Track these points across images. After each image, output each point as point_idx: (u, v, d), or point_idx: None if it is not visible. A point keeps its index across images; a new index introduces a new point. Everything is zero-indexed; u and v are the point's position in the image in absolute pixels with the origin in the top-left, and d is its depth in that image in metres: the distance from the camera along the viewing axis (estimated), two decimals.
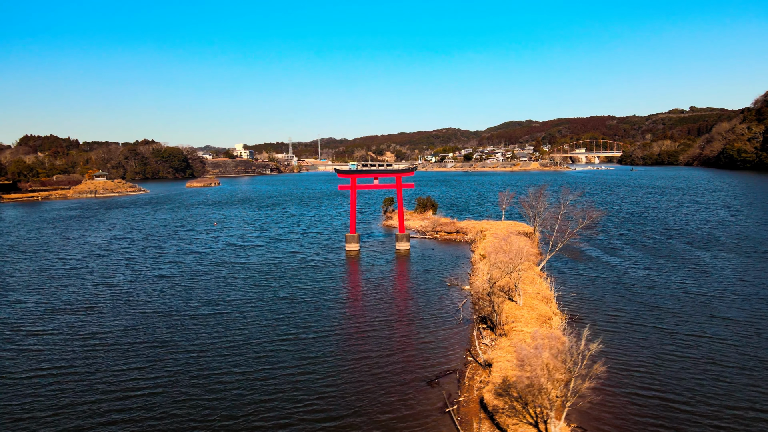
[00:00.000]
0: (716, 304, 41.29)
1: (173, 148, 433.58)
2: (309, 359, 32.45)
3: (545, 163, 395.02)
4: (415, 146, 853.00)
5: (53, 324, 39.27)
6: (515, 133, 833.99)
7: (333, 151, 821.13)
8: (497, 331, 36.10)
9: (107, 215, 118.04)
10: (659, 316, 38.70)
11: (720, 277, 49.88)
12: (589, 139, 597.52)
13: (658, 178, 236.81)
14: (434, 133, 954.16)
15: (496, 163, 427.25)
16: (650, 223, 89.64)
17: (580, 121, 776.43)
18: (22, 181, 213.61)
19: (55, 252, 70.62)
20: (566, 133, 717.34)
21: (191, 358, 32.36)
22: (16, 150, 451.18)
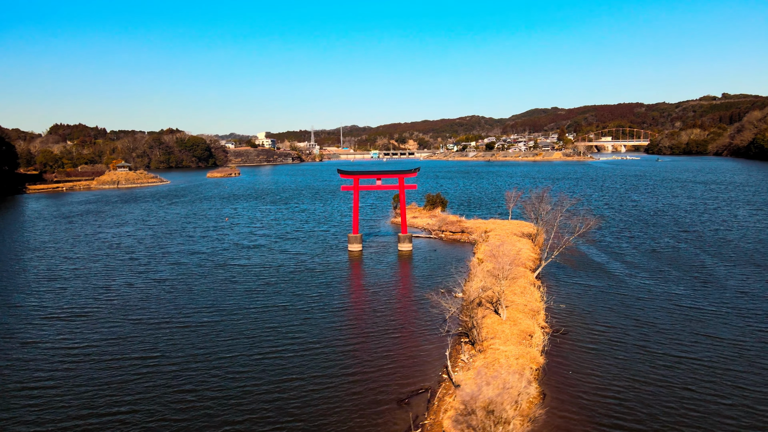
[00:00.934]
0: (708, 320, 40.34)
1: (196, 137, 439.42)
2: (288, 376, 32.68)
3: (568, 152, 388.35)
4: (438, 134, 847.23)
5: (45, 332, 40.25)
6: (540, 121, 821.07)
7: (355, 139, 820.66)
8: (476, 347, 35.99)
9: (122, 210, 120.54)
10: (645, 333, 38.02)
11: (721, 288, 48.62)
12: (615, 127, 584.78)
13: (682, 170, 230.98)
14: (458, 121, 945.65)
15: (518, 152, 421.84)
16: (664, 223, 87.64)
17: (607, 108, 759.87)
18: (48, 171, 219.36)
19: (64, 250, 72.55)
20: (592, 121, 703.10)
21: (171, 372, 32.93)
22: (46, 139, 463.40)
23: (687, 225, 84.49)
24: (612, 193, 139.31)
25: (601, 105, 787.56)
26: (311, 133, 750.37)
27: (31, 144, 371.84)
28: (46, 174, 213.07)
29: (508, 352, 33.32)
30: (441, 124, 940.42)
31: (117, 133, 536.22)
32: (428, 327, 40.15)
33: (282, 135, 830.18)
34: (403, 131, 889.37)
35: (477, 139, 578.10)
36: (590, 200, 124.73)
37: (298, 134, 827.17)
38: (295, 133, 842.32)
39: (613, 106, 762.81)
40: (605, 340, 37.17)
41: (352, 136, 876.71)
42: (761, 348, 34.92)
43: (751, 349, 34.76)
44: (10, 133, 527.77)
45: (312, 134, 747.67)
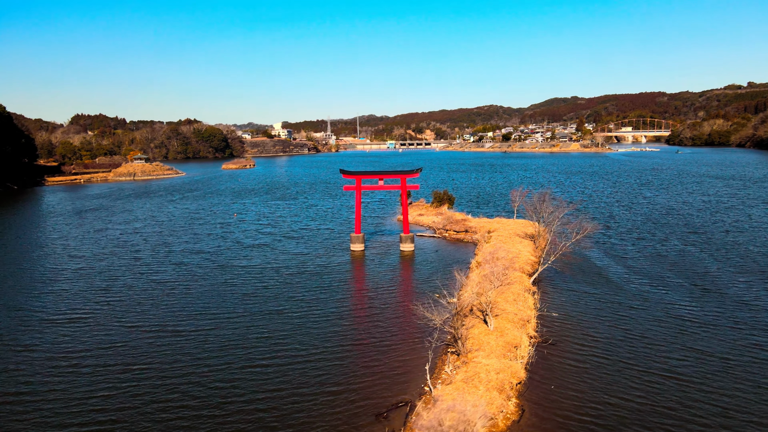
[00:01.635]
0: (701, 333, 39.68)
1: (213, 128, 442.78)
2: (271, 388, 32.81)
3: (586, 144, 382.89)
4: (455, 124, 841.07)
5: (40, 337, 40.91)
6: (559, 111, 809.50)
7: (372, 129, 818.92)
8: (461, 359, 36.02)
9: (133, 204, 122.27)
10: (634, 346, 37.60)
11: (721, 297, 47.71)
12: (636, 117, 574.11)
13: (702, 163, 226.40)
14: (475, 111, 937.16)
15: (535, 143, 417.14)
16: (673, 223, 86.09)
17: (628, 97, 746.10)
18: (67, 163, 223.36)
19: (71, 248, 74.00)
20: (613, 111, 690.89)
21: (155, 384, 33.23)
22: (67, 129, 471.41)
23: (697, 226, 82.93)
24: (625, 189, 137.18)
25: (622, 94, 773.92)
26: (327, 123, 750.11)
27: (52, 134, 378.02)
28: (65, 166, 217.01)
29: (489, 366, 33.28)
30: (459, 114, 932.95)
31: (136, 123, 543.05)
32: (419, 336, 40.09)
33: (299, 125, 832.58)
34: (420, 121, 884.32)
35: (494, 129, 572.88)
36: (601, 197, 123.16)
37: (315, 124, 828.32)
38: (312, 123, 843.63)
39: (635, 95, 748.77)
40: (592, 353, 36.87)
41: (369, 126, 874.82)
42: (750, 364, 34.30)
43: (739, 365, 34.14)
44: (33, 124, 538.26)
45: (328, 124, 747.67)
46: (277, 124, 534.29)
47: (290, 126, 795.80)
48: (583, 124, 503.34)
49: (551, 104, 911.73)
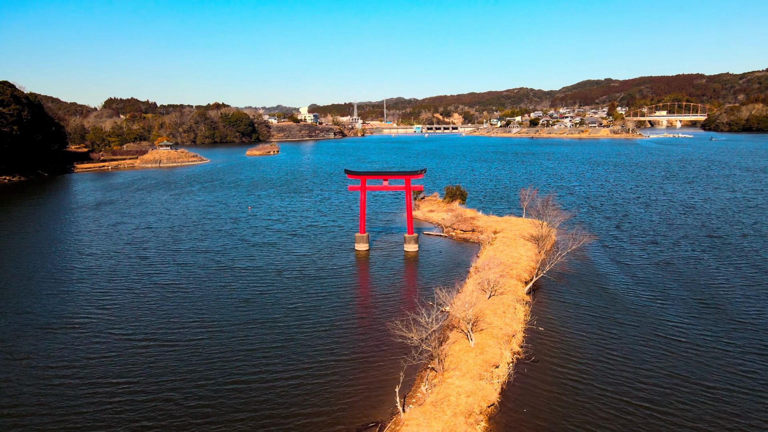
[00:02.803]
0: (689, 355, 38.70)
1: (240, 112, 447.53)
2: (252, 407, 33.13)
3: (616, 129, 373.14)
4: (484, 107, 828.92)
5: (35, 345, 42.07)
6: (591, 94, 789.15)
7: (400, 113, 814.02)
8: (438, 377, 36.24)
9: (151, 196, 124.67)
10: (618, 369, 36.81)
11: (723, 315, 46.08)
12: (671, 100, 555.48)
13: (734, 153, 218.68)
14: (505, 94, 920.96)
15: (563, 129, 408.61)
16: (690, 224, 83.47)
17: (664, 80, 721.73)
18: (95, 150, 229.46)
19: (83, 244, 76.16)
20: (647, 94, 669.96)
21: (133, 400, 33.77)
22: (100, 113, 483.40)
23: (714, 228, 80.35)
24: (647, 183, 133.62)
25: (658, 76, 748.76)
26: (354, 107, 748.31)
27: (86, 118, 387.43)
28: (94, 153, 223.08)
29: (461, 388, 33.40)
30: (488, 97, 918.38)
31: (166, 107, 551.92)
32: (404, 349, 39.07)
33: (327, 108, 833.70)
34: (448, 104, 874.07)
35: (523, 113, 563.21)
36: (621, 192, 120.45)
37: (343, 107, 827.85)
38: (339, 106, 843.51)
39: (671, 77, 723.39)
40: (572, 375, 36.54)
41: (397, 109, 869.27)
42: (735, 394, 33.44)
43: (725, 395, 33.30)
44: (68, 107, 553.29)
45: (355, 107, 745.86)
46: (303, 109, 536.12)
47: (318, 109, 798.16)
48: (615, 108, 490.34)
49: (583, 87, 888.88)
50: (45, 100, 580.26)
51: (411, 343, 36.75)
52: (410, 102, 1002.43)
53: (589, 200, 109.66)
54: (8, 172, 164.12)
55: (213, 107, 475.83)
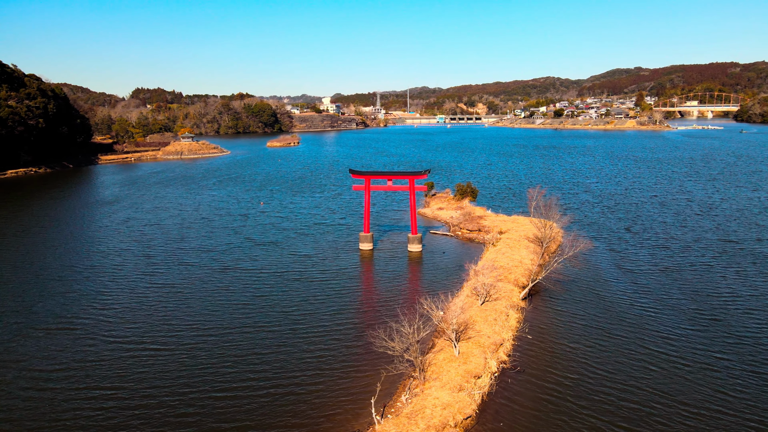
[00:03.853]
0: (677, 371, 37.86)
1: (262, 103, 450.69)
2: (237, 418, 33.38)
3: (643, 120, 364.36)
4: (509, 97, 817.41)
5: (25, 348, 43.05)
6: (620, 83, 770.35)
7: (423, 102, 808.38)
8: (419, 387, 36.42)
9: (166, 191, 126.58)
10: (596, 385, 36.21)
11: (724, 330, 44.70)
12: (703, 90, 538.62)
13: (763, 146, 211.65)
14: (531, 83, 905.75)
15: (588, 120, 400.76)
16: (705, 227, 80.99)
17: (696, 68, 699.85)
18: (119, 142, 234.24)
19: (93, 242, 77.95)
20: (678, 83, 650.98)
21: (116, 408, 34.39)
22: (128, 102, 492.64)
23: (730, 231, 77.99)
24: (667, 180, 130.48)
25: (690, 65, 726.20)
26: (377, 97, 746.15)
27: (113, 109, 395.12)
28: (117, 144, 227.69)
29: (438, 400, 33.59)
30: (513, 86, 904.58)
31: (191, 97, 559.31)
32: (392, 358, 38.38)
33: (350, 98, 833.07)
34: (473, 93, 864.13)
35: (548, 103, 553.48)
36: (639, 189, 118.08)
37: (366, 97, 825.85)
38: (363, 96, 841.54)
39: (704, 65, 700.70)
40: (555, 388, 36.29)
41: (421, 99, 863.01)
42: (724, 418, 32.66)
43: (709, 418, 32.64)
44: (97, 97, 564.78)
45: (378, 98, 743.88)
46: (326, 99, 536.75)
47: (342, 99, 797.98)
48: (643, 98, 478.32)
49: (612, 75, 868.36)
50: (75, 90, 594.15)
51: (394, 353, 36.91)
52: (434, 91, 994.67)
53: (603, 199, 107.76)
54: (34, 164, 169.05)
55: (237, 97, 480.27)
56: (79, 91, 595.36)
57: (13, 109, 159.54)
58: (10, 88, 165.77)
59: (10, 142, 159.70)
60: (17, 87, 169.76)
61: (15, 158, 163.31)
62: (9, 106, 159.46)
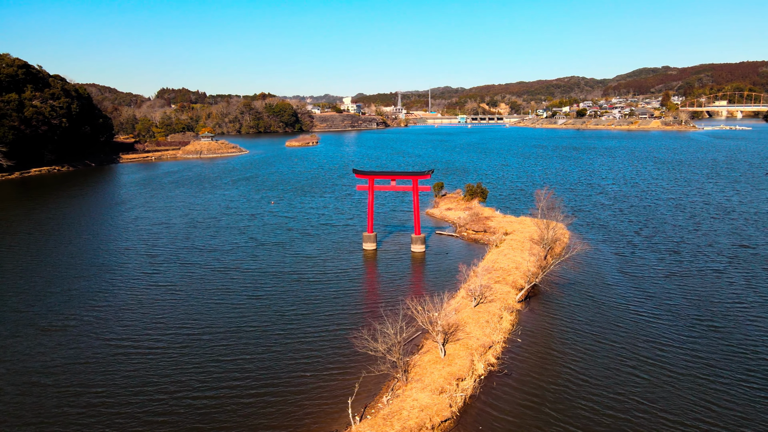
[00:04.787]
0: (667, 382, 36.63)
1: (283, 102, 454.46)
2: (218, 418, 33.47)
3: (668, 121, 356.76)
4: (532, 97, 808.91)
5: (14, 347, 43.65)
6: (646, 82, 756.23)
7: (445, 102, 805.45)
8: (401, 388, 36.20)
9: (178, 191, 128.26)
10: (580, 393, 35.31)
11: (713, 338, 43.47)
12: (732, 90, 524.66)
13: None
14: (555, 83, 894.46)
15: (612, 120, 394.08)
16: (720, 231, 78.56)
17: (726, 67, 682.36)
18: (141, 141, 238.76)
19: (101, 241, 79.32)
20: (707, 82, 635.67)
21: (99, 412, 34.40)
22: (153, 102, 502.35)
23: (746, 236, 75.42)
24: (686, 182, 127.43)
25: (720, 64, 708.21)
26: (398, 96, 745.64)
27: (138, 109, 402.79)
28: (138, 144, 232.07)
29: (417, 402, 33.35)
30: (536, 86, 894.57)
31: (215, 97, 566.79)
32: (382, 360, 38.18)
33: (372, 98, 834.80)
34: (495, 93, 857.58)
35: (571, 103, 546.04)
36: (655, 192, 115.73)
37: (388, 97, 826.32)
38: (385, 96, 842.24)
39: (734, 65, 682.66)
40: (539, 394, 35.59)
41: (443, 99, 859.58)
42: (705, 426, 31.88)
43: None
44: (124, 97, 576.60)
45: (399, 97, 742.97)
46: (346, 99, 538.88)
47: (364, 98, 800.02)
48: (669, 98, 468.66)
49: (638, 75, 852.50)
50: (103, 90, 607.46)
51: (377, 354, 36.78)
52: (457, 91, 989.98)
53: (617, 201, 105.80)
54: (57, 163, 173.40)
55: (259, 97, 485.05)
56: (106, 91, 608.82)
57: (37, 109, 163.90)
58: (34, 89, 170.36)
59: (34, 141, 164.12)
60: (42, 87, 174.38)
61: (39, 157, 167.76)
62: (33, 106, 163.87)
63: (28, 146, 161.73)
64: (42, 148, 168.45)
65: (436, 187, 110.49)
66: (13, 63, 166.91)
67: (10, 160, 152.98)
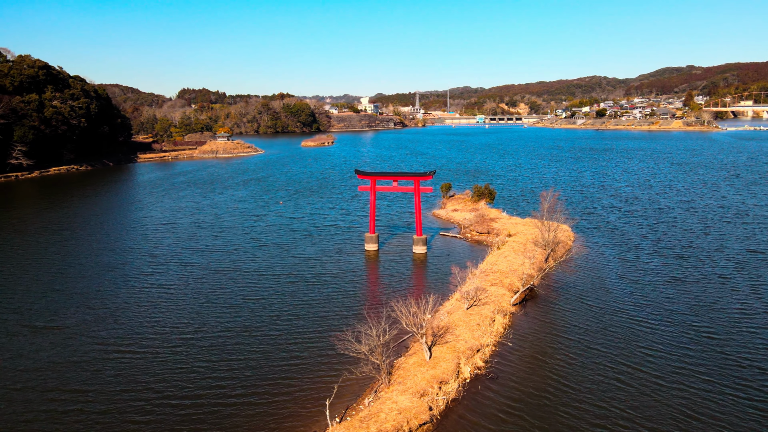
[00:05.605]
0: (651, 393, 35.79)
1: (301, 102, 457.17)
2: (194, 425, 33.36)
3: (690, 121, 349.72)
4: (552, 97, 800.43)
5: (8, 345, 44.29)
6: (670, 82, 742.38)
7: (464, 102, 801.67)
8: (383, 390, 36.10)
9: (188, 191, 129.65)
10: (561, 403, 34.83)
11: (708, 347, 42.37)
12: (759, 89, 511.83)
13: None
14: (576, 82, 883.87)
15: (632, 120, 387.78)
16: (730, 236, 76.26)
17: (752, 66, 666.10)
18: (158, 141, 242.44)
19: (107, 239, 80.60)
20: (733, 82, 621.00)
21: (80, 412, 34.61)
22: (174, 103, 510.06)
23: (759, 241, 72.75)
24: (701, 184, 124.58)
25: (746, 63, 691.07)
26: (416, 97, 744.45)
27: (159, 109, 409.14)
28: (156, 144, 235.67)
29: (396, 405, 33.23)
30: (557, 86, 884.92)
31: (234, 97, 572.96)
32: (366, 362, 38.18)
33: (391, 98, 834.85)
34: (515, 93, 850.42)
35: (592, 103, 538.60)
36: (670, 193, 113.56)
37: (407, 97, 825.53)
38: (404, 96, 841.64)
39: (761, 64, 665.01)
40: (522, 400, 35.07)
41: (462, 99, 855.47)
42: None
43: None
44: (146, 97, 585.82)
45: (417, 97, 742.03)
46: (364, 99, 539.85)
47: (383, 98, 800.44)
48: (693, 97, 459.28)
49: (662, 74, 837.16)
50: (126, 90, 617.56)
51: (359, 356, 36.72)
52: (476, 91, 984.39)
53: (628, 203, 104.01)
54: (76, 162, 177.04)
55: (277, 97, 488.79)
56: (129, 92, 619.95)
57: (56, 109, 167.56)
58: (55, 89, 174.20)
59: (53, 141, 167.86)
60: (62, 88, 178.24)
61: (58, 156, 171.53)
62: (53, 106, 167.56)
63: (47, 146, 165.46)
64: (61, 147, 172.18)
65: (443, 187, 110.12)
66: (34, 64, 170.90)
67: (30, 159, 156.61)
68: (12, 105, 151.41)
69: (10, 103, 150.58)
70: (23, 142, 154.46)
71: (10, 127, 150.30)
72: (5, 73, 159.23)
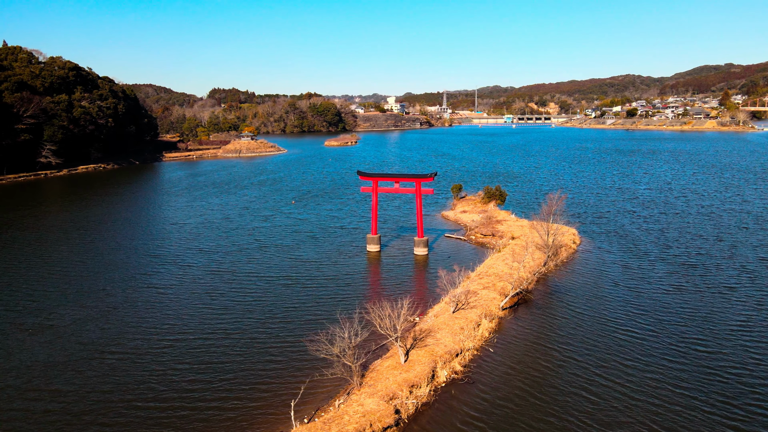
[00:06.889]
0: (623, 410, 34.88)
1: (328, 102, 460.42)
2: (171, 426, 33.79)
3: (724, 121, 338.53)
4: (584, 96, 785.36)
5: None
6: (707, 80, 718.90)
7: (493, 102, 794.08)
8: (353, 393, 36.29)
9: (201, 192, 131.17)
10: (534, 415, 34.10)
11: (697, 362, 41.11)
12: None
13: None
14: (608, 81, 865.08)
15: (664, 120, 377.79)
16: (745, 243, 73.58)
17: None
18: (184, 140, 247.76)
19: (114, 238, 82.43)
20: None
21: (61, 413, 34.92)
22: (204, 102, 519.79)
23: None
24: (724, 188, 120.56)
25: None
26: (443, 96, 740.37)
27: (190, 108, 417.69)
28: (181, 143, 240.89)
29: (361, 407, 33.38)
30: (589, 85, 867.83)
31: (263, 97, 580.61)
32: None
33: (419, 97, 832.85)
34: (545, 92, 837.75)
35: (624, 102, 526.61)
36: (692, 195, 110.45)
37: (435, 96, 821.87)
38: (432, 95, 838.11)
39: None
40: (496, 407, 34.56)
41: (491, 98, 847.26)
42: None
43: None
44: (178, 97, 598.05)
45: (444, 97, 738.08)
46: (390, 98, 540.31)
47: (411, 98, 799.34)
48: (729, 96, 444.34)
49: (699, 73, 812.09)
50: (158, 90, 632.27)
51: (331, 358, 36.94)
52: (506, 90, 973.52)
53: (644, 207, 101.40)
54: (103, 161, 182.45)
55: (304, 97, 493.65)
56: (162, 91, 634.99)
57: (85, 110, 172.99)
58: (84, 90, 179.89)
59: (82, 140, 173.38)
60: (91, 88, 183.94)
61: (86, 155, 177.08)
62: (82, 106, 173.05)
63: (76, 145, 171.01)
64: (89, 146, 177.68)
65: (454, 188, 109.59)
66: (65, 65, 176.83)
67: (59, 158, 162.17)
68: (42, 105, 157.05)
69: (40, 103, 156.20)
70: (53, 141, 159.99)
71: (40, 127, 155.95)
72: (36, 75, 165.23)
